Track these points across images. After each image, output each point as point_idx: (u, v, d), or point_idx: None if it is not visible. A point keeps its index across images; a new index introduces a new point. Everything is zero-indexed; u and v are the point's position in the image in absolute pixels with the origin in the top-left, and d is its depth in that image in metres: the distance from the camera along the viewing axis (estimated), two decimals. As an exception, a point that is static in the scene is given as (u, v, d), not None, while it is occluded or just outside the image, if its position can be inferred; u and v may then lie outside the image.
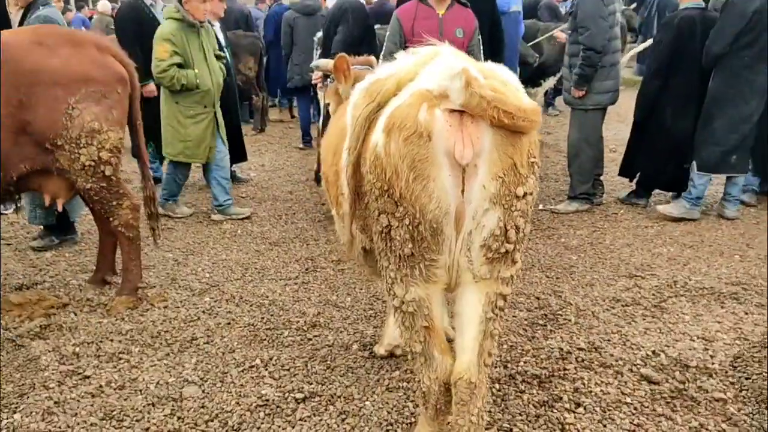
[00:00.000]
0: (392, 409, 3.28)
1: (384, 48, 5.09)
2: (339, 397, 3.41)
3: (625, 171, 7.18)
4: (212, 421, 3.21)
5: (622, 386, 3.44)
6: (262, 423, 3.18)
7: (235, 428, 3.15)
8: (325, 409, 3.30)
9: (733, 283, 4.79)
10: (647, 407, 3.26)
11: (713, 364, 3.63)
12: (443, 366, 2.41)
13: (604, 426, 3.10)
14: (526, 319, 4.26)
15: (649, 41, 10.23)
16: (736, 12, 6.03)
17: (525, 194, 2.19)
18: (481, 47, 5.11)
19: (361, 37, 5.98)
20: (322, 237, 6.14)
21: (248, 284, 5.00)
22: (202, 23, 6.27)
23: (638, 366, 3.62)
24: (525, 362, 3.69)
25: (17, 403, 3.38)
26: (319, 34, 8.09)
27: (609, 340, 3.94)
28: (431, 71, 2.22)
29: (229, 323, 4.31)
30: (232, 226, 6.53)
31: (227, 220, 6.67)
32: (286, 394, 3.41)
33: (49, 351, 3.91)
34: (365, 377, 3.60)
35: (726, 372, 3.56)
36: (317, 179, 8.45)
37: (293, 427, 3.14)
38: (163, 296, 4.71)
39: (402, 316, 2.42)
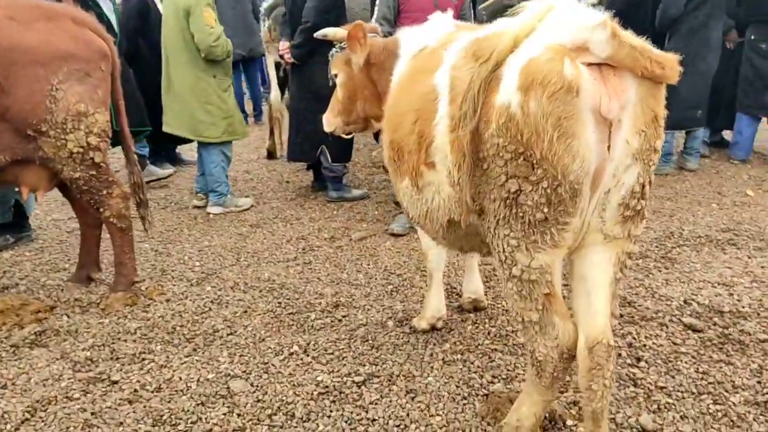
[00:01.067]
0: (459, 382, 3.19)
1: (376, 11, 4.88)
2: (398, 376, 3.27)
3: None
4: (275, 414, 3.00)
5: (671, 337, 3.50)
6: (331, 411, 3.00)
7: (304, 419, 2.95)
8: (389, 390, 3.15)
9: (723, 230, 5.00)
10: (704, 355, 3.33)
11: (743, 307, 3.77)
12: (565, 332, 2.33)
13: (673, 377, 3.14)
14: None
15: None
16: None
17: (660, 148, 2.14)
18: (472, 12, 5.01)
19: (333, 4, 5.72)
20: (303, 216, 5.91)
21: (247, 269, 4.73)
22: None
23: (677, 316, 3.70)
24: (568, 323, 3.69)
25: (44, 418, 3.04)
26: (266, 3, 7.73)
27: (637, 294, 4.00)
28: (556, 24, 2.10)
29: (245, 311, 4.05)
30: (201, 210, 6.18)
31: (193, 206, 6.31)
32: (344, 378, 3.24)
33: (57, 359, 3.53)
34: (416, 353, 3.47)
35: (758, 314, 3.70)
36: (268, 155, 8.17)
37: (367, 412, 2.98)
38: (160, 289, 4.38)
39: (519, 285, 2.31)
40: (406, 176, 2.79)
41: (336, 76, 4.01)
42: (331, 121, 4.16)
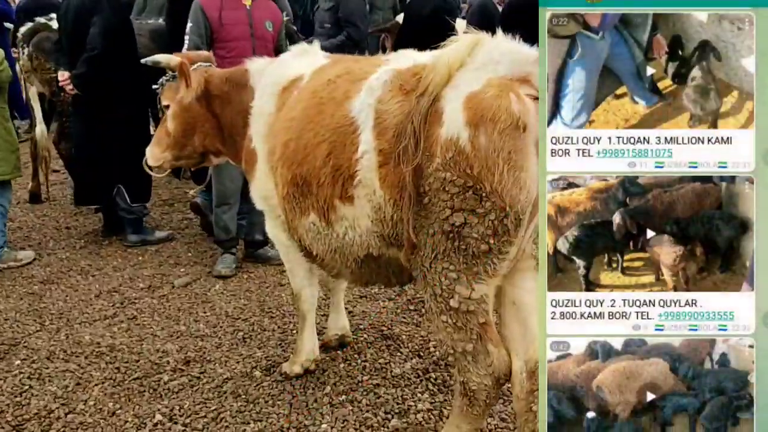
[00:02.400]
0: (356, 424, 3.06)
1: (187, 42, 4.52)
2: (289, 428, 3.05)
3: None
4: (167, 500, 2.61)
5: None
6: (233, 482, 2.70)
7: (204, 499, 2.62)
8: (286, 446, 2.94)
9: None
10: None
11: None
12: (500, 359, 2.36)
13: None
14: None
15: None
16: None
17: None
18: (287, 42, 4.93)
19: (121, 28, 5.17)
20: (104, 265, 5.23)
21: (58, 334, 4.06)
22: None
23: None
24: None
25: None
26: (23, 28, 6.75)
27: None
28: (492, 58, 2.16)
29: (78, 383, 3.47)
30: (-34, 270, 5.17)
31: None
32: (231, 443, 2.94)
33: None
34: (298, 401, 3.27)
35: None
36: (32, 198, 7.13)
37: (273, 476, 2.74)
38: (-50, 372, 3.58)
39: (455, 317, 2.31)
40: (312, 211, 2.63)
41: (167, 107, 3.65)
42: (157, 156, 3.75)
